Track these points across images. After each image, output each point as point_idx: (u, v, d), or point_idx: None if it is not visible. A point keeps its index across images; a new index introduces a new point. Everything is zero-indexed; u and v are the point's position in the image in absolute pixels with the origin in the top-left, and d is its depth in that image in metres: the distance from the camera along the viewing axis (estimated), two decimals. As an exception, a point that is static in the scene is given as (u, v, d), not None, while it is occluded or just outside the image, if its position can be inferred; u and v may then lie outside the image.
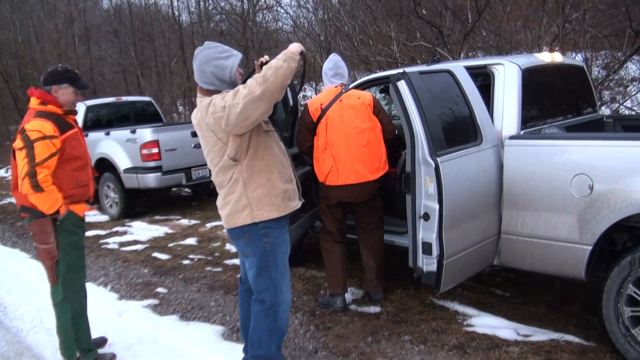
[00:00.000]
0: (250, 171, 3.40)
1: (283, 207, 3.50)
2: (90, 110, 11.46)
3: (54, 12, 25.95)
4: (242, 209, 3.43)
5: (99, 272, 6.75)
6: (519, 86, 4.58)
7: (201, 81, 3.46)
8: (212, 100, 3.32)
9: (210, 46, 3.46)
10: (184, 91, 21.21)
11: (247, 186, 3.40)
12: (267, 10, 21.03)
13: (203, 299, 5.59)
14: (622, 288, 3.84)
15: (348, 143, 4.79)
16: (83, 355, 4.27)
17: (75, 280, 4.15)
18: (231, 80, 3.42)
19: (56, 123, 3.90)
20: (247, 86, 3.17)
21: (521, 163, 4.33)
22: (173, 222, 9.41)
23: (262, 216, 3.43)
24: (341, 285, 5.05)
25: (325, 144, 4.84)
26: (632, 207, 3.72)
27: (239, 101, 3.15)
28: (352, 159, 4.79)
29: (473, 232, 4.32)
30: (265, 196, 3.43)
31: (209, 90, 3.44)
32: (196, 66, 3.45)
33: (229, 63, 3.41)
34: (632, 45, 8.82)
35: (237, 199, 3.43)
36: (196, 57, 3.46)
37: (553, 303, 4.91)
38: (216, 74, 3.39)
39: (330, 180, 4.87)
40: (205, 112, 3.33)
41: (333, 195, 4.96)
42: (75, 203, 4.04)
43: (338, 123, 4.83)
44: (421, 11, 10.51)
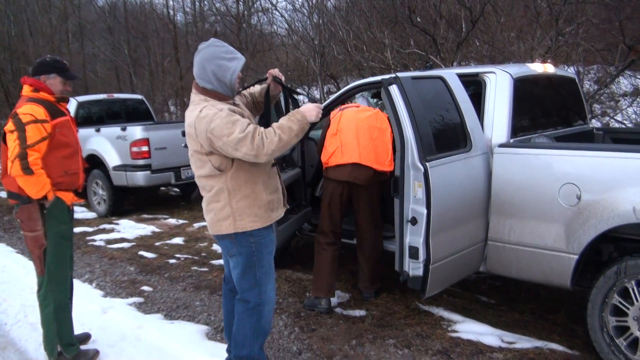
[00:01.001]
0: (236, 182, 3.37)
1: (266, 218, 3.49)
2: (81, 106, 11.42)
3: (48, 7, 25.86)
4: (225, 218, 3.41)
5: (85, 269, 6.71)
6: (510, 95, 4.60)
7: (199, 77, 3.39)
8: (204, 110, 3.25)
9: (216, 44, 3.40)
10: (176, 90, 21.20)
11: (232, 197, 3.38)
12: (263, 13, 21.08)
13: (188, 298, 5.57)
14: (607, 298, 3.88)
15: (358, 132, 4.95)
16: (64, 349, 4.22)
17: (61, 272, 4.11)
18: (230, 84, 3.37)
19: (48, 109, 3.90)
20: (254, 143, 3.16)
21: (510, 171, 4.36)
22: (160, 221, 9.37)
23: (245, 227, 3.41)
24: (326, 289, 5.04)
25: (336, 130, 5.03)
26: (619, 218, 3.76)
27: (240, 152, 3.18)
28: (358, 145, 4.92)
29: (460, 238, 4.33)
30: (249, 207, 3.41)
31: (204, 89, 3.39)
32: (197, 61, 3.38)
33: (231, 65, 3.35)
34: (625, 60, 8.89)
35: (220, 207, 3.41)
36: (199, 51, 3.39)
37: (538, 311, 4.92)
38: (216, 73, 3.33)
39: (333, 160, 4.98)
40: (198, 120, 3.24)
41: (333, 175, 5.00)
42: (63, 191, 4.01)
43: (352, 117, 5.05)
44: (415, 19, 10.56)
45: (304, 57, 16.16)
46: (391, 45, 11.51)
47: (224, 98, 3.38)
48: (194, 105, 3.36)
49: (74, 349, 4.25)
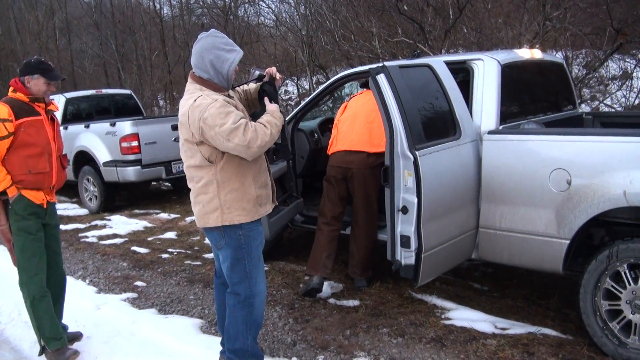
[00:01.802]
0: (226, 174, 3.37)
1: (254, 212, 3.49)
2: (70, 102, 11.35)
3: (34, 4, 25.66)
4: (212, 210, 3.41)
5: (78, 266, 6.70)
6: (498, 82, 4.60)
7: (196, 66, 3.40)
8: (199, 99, 3.25)
9: (216, 35, 3.42)
10: (164, 85, 21.12)
11: (221, 189, 3.38)
12: (249, 4, 20.99)
13: (182, 292, 5.57)
14: (599, 282, 3.89)
15: (354, 120, 5.16)
16: (46, 343, 4.19)
17: (30, 264, 4.11)
18: (227, 75, 3.39)
19: (14, 108, 3.95)
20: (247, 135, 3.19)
21: (500, 158, 4.36)
22: (152, 216, 9.36)
23: (233, 220, 3.41)
24: (317, 266, 5.11)
25: (337, 121, 5.36)
26: (610, 202, 3.77)
27: (232, 143, 3.19)
28: (352, 131, 5.10)
29: (451, 225, 4.34)
30: (237, 200, 3.41)
31: (200, 78, 3.39)
32: (196, 50, 3.40)
33: (230, 57, 3.37)
34: (613, 44, 8.91)
35: (208, 200, 3.40)
36: (199, 41, 3.41)
37: (531, 297, 4.95)
38: (214, 63, 3.34)
39: (331, 149, 5.29)
40: (192, 109, 3.25)
41: (330, 162, 5.21)
42: (29, 189, 4.03)
43: (353, 105, 5.30)
44: (403, 7, 10.55)
45: (292, 48, 16.15)
46: (379, 34, 11.50)
47: (218, 89, 3.39)
48: (189, 95, 3.36)
49: (57, 343, 4.19)
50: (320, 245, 5.16)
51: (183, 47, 20.03)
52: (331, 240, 5.18)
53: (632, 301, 3.74)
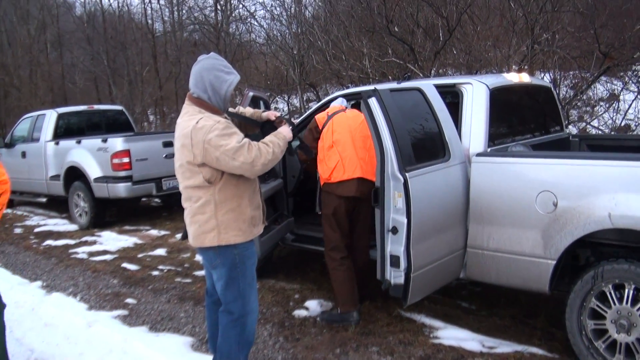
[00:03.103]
0: (224, 195, 3.42)
1: (249, 232, 3.55)
2: (61, 118, 11.36)
3: (26, 17, 25.68)
4: (209, 230, 3.45)
5: (69, 282, 6.70)
6: (486, 105, 4.69)
7: (195, 87, 3.46)
8: (201, 121, 3.30)
9: (215, 57, 3.51)
10: (155, 100, 21.14)
11: (218, 209, 3.43)
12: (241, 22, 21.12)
13: (172, 310, 5.59)
14: (585, 302, 3.96)
15: (354, 143, 4.93)
16: None
17: None
18: (224, 96, 3.46)
19: None
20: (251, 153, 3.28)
21: (487, 179, 4.44)
22: (142, 233, 9.37)
23: (229, 240, 3.46)
24: (354, 302, 4.98)
25: (332, 143, 4.97)
26: (595, 224, 3.85)
27: (238, 161, 3.27)
28: (357, 157, 4.90)
29: (440, 246, 4.40)
30: (234, 221, 3.46)
31: (199, 100, 3.44)
32: (196, 71, 3.46)
33: (229, 79, 3.45)
34: (600, 67, 9.05)
35: (205, 220, 3.45)
36: (199, 62, 3.48)
37: (518, 316, 5.00)
38: (213, 84, 3.41)
39: (336, 176, 4.91)
40: (195, 130, 3.28)
41: (339, 191, 4.91)
42: None
43: (344, 126, 5.00)
44: (393, 28, 10.66)
45: (284, 66, 16.24)
46: (369, 54, 11.61)
47: (216, 111, 3.44)
48: (189, 116, 3.40)
49: None
50: (349, 280, 4.98)
51: (174, 63, 20.13)
52: (353, 272, 5.03)
53: (617, 321, 3.81)
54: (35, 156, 11.21)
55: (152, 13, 24.06)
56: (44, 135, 11.12)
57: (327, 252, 5.08)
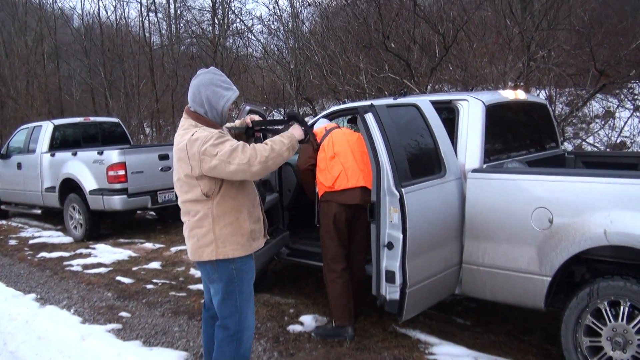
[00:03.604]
0: (221, 209, 3.41)
1: (247, 246, 3.53)
2: (57, 129, 11.39)
3: (24, 29, 25.72)
4: (207, 244, 3.44)
5: (63, 295, 6.67)
6: (482, 121, 4.72)
7: (193, 101, 3.46)
8: (196, 133, 3.30)
9: (215, 72, 3.50)
10: (151, 113, 21.13)
11: (216, 223, 3.42)
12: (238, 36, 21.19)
13: (167, 324, 5.56)
14: (580, 319, 3.96)
15: (354, 156, 4.97)
16: None
17: None
18: (221, 111, 3.45)
19: None
20: (246, 153, 3.24)
21: (483, 195, 4.45)
22: (137, 246, 9.34)
23: (227, 254, 3.45)
24: (349, 317, 4.95)
25: (333, 154, 4.99)
26: (591, 241, 3.87)
27: (234, 164, 3.23)
28: (359, 168, 4.92)
29: (436, 261, 4.41)
30: (232, 235, 3.45)
31: (195, 114, 3.44)
32: (194, 85, 3.46)
33: (226, 94, 3.44)
34: (596, 84, 9.11)
35: (203, 234, 3.44)
36: (197, 76, 3.48)
37: (513, 332, 5.00)
38: (210, 99, 3.40)
39: (339, 184, 4.90)
40: (190, 143, 3.29)
41: (342, 199, 4.90)
42: None
43: (343, 140, 5.06)
44: (390, 44, 10.72)
45: (280, 80, 16.29)
46: (366, 70, 11.67)
47: (212, 125, 3.44)
48: (184, 130, 3.40)
49: None
50: (346, 293, 4.94)
51: (171, 76, 20.15)
52: (350, 285, 5.01)
53: (613, 338, 3.81)
54: (30, 167, 11.20)
55: (149, 26, 24.13)
56: (39, 147, 11.12)
57: (327, 262, 5.04)
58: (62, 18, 26.60)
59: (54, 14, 26.10)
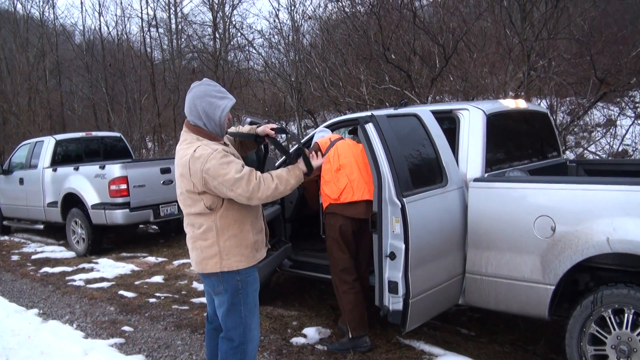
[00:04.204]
0: (225, 221, 3.40)
1: (251, 257, 3.52)
2: (59, 144, 11.43)
3: (26, 45, 25.84)
4: (211, 256, 3.44)
5: (65, 310, 6.66)
6: (483, 130, 4.71)
7: (189, 114, 3.44)
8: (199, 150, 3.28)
9: (208, 83, 3.47)
10: (153, 127, 21.18)
11: (220, 235, 3.41)
12: (239, 50, 21.27)
13: (169, 337, 5.54)
14: (584, 327, 3.94)
15: (359, 168, 4.93)
16: None
17: None
18: (219, 122, 3.42)
19: None
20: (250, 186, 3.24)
21: (485, 204, 4.44)
22: (140, 260, 9.33)
23: (231, 266, 3.44)
24: (365, 326, 4.93)
25: (339, 166, 4.96)
26: (594, 249, 3.85)
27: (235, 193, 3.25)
28: (364, 181, 4.88)
29: (438, 271, 4.39)
30: (236, 247, 3.44)
31: (196, 127, 3.43)
32: (189, 99, 3.43)
33: (222, 104, 3.41)
34: (597, 93, 9.11)
35: (208, 246, 3.43)
36: (191, 90, 3.45)
37: (518, 342, 4.97)
38: (207, 110, 3.38)
39: (345, 197, 4.87)
40: (192, 160, 3.27)
41: (347, 212, 4.88)
42: None
43: (348, 152, 5.02)
44: (390, 55, 10.73)
45: (281, 93, 16.32)
46: (367, 81, 11.68)
47: (214, 137, 3.42)
48: (187, 144, 3.39)
49: None
50: (360, 303, 4.90)
51: (173, 90, 20.21)
52: (362, 295, 4.98)
53: (617, 346, 3.79)
54: (33, 183, 11.22)
55: (151, 41, 24.26)
56: (41, 162, 11.14)
57: (337, 275, 4.97)
58: (64, 34, 26.72)
59: (55, 31, 26.24)
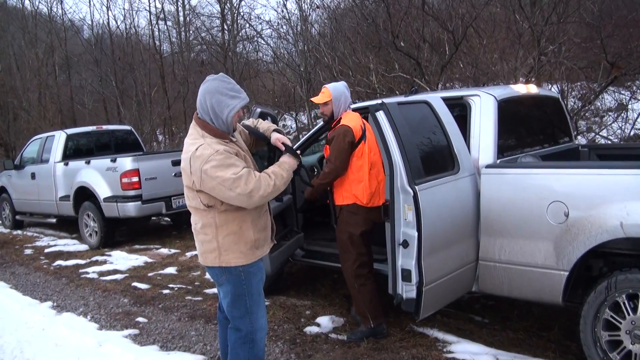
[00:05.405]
0: (225, 217, 3.40)
1: (250, 255, 3.51)
2: (70, 139, 11.46)
3: (35, 41, 25.93)
4: (210, 251, 3.45)
5: (79, 302, 6.70)
6: (494, 116, 4.68)
7: (199, 107, 3.41)
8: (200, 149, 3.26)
9: (222, 79, 3.40)
10: (164, 120, 21.24)
11: (219, 232, 3.41)
12: (248, 41, 21.25)
13: (183, 328, 5.57)
14: (599, 313, 3.92)
15: (382, 164, 4.85)
16: None
17: None
18: (226, 121, 3.36)
19: None
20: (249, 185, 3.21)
21: (498, 191, 4.42)
22: (153, 252, 9.37)
23: (229, 262, 3.44)
24: (382, 312, 4.97)
25: (369, 164, 4.78)
26: (607, 234, 3.82)
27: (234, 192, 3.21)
28: (383, 182, 4.86)
29: (451, 259, 4.38)
30: (234, 243, 3.44)
31: (203, 122, 3.39)
32: (201, 92, 3.38)
33: (231, 103, 3.34)
34: (608, 77, 9.05)
35: (207, 240, 3.45)
36: (205, 82, 3.40)
37: (532, 329, 4.95)
38: (215, 107, 3.32)
39: (374, 201, 4.80)
40: (193, 158, 3.27)
41: (372, 216, 4.83)
42: None
43: (374, 145, 4.85)
44: (399, 43, 10.70)
45: (291, 83, 16.30)
46: (376, 70, 11.66)
47: (219, 134, 3.38)
48: (192, 140, 3.36)
49: None
50: (376, 295, 4.91)
51: (182, 82, 20.25)
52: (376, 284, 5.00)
53: (632, 331, 3.76)
54: (44, 177, 11.28)
55: (159, 34, 24.23)
56: (53, 157, 11.20)
57: (355, 270, 4.87)
58: (72, 29, 26.78)
59: (64, 26, 26.29)
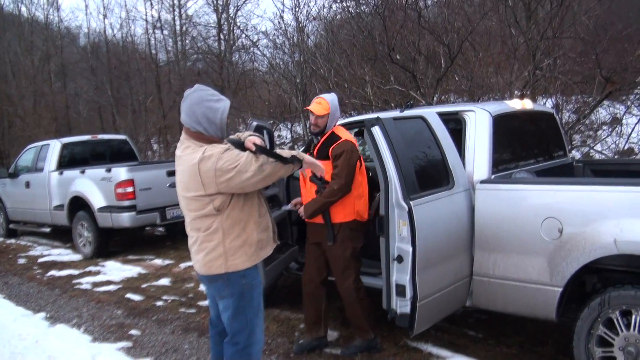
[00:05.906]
0: (231, 221, 3.41)
1: (255, 256, 3.53)
2: (65, 147, 11.44)
3: (30, 48, 25.94)
4: (217, 257, 3.44)
5: (72, 313, 6.67)
6: (489, 132, 4.71)
7: (190, 121, 3.41)
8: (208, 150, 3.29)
9: (201, 88, 3.46)
10: (159, 129, 21.23)
11: (226, 236, 3.41)
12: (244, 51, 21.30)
13: (177, 341, 5.55)
14: (592, 329, 3.93)
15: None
16: None
17: None
18: (220, 124, 3.41)
19: None
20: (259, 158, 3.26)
21: (492, 206, 4.43)
22: (146, 262, 9.34)
23: (236, 266, 3.45)
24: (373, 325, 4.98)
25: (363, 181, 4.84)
26: (601, 250, 3.84)
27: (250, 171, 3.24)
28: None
29: (446, 274, 4.38)
30: (240, 247, 3.45)
31: (197, 134, 3.41)
32: (186, 107, 3.41)
33: (220, 106, 3.41)
34: (602, 91, 9.10)
35: (213, 247, 3.43)
36: (186, 98, 3.43)
37: (525, 344, 4.96)
38: (207, 115, 3.36)
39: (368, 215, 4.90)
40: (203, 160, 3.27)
41: (364, 232, 4.89)
42: None
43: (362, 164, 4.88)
44: (395, 56, 10.73)
45: (286, 94, 16.33)
46: (372, 82, 11.68)
47: (215, 142, 3.42)
48: (192, 150, 3.37)
49: None
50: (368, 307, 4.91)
51: (178, 92, 20.26)
52: None
53: (625, 348, 3.77)
54: (39, 186, 11.25)
55: (155, 43, 24.32)
56: (47, 165, 11.17)
57: (353, 284, 4.83)
58: (68, 37, 26.82)
59: (60, 33, 26.36)
